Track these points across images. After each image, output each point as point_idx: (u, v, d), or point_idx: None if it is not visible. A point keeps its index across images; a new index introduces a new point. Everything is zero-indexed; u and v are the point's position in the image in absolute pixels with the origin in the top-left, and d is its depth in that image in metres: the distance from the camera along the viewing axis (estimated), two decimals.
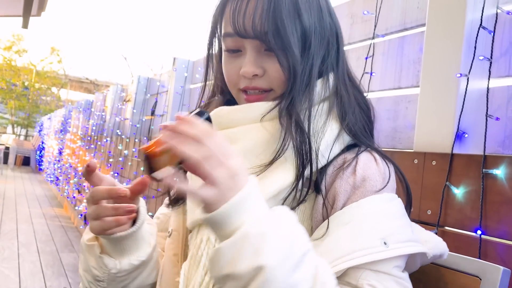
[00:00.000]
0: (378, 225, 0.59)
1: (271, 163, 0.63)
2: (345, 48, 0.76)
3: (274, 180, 0.62)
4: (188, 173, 0.68)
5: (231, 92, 0.74)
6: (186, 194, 0.51)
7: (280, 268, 0.47)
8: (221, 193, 0.49)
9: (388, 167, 0.66)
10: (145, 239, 0.73)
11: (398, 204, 0.64)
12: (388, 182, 0.64)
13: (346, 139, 0.68)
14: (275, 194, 0.62)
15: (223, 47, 0.71)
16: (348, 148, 0.68)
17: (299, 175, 0.62)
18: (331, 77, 0.70)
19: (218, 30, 0.72)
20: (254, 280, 0.47)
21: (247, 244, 0.48)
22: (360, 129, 0.69)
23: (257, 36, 0.65)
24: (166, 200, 0.83)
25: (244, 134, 0.66)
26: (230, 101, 0.75)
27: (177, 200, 0.77)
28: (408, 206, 0.70)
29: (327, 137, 0.66)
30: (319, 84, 0.68)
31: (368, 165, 0.64)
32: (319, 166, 0.65)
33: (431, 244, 0.68)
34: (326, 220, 0.61)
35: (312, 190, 0.65)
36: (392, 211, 0.62)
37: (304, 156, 0.62)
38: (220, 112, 0.70)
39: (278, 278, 0.47)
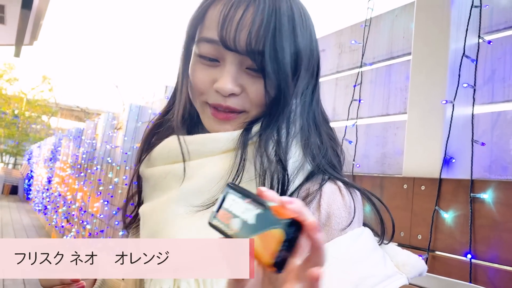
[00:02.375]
0: (348, 271, 0.54)
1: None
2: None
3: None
4: None
5: (193, 102, 0.65)
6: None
7: None
8: None
9: (353, 198, 0.60)
10: None
11: (366, 237, 0.59)
12: (354, 216, 0.58)
13: (307, 167, 0.62)
14: None
15: (197, 51, 0.62)
16: (309, 176, 0.61)
17: None
18: (302, 105, 0.64)
19: (197, 34, 0.62)
20: None
21: None
22: (325, 159, 0.63)
23: (249, 54, 0.57)
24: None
25: (201, 168, 0.59)
26: (184, 116, 0.66)
27: (135, 224, 0.71)
28: (382, 232, 0.64)
29: (290, 166, 0.59)
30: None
31: (333, 198, 0.58)
32: None
33: (409, 266, 0.62)
34: None
35: None
36: (362, 250, 0.57)
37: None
38: (170, 145, 0.62)
39: None
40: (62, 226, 6.18)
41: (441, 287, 0.97)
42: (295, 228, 0.37)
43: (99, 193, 4.44)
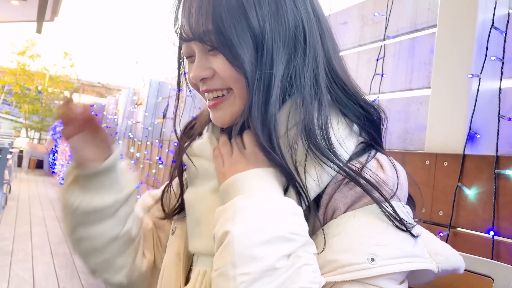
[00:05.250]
0: (370, 238, 0.53)
1: None
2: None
3: None
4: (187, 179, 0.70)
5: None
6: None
7: (245, 237, 0.50)
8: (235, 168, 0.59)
9: (397, 174, 0.59)
10: (115, 186, 0.71)
11: (403, 213, 0.57)
12: (395, 191, 0.58)
13: (351, 143, 0.62)
14: None
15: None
16: (354, 154, 0.61)
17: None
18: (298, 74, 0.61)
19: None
20: (223, 243, 0.51)
21: (229, 211, 0.53)
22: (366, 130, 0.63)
23: (196, 37, 0.60)
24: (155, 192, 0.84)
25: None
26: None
27: (179, 211, 0.74)
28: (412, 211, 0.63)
29: (336, 139, 0.59)
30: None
31: (371, 172, 0.58)
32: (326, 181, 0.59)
33: (442, 257, 0.61)
34: (320, 230, 0.57)
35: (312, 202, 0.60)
36: (391, 223, 0.55)
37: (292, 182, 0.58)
38: (193, 145, 0.69)
39: (241, 245, 0.50)
40: None
41: None
42: None
43: None
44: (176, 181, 0.76)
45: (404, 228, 0.55)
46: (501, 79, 1.06)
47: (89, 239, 0.72)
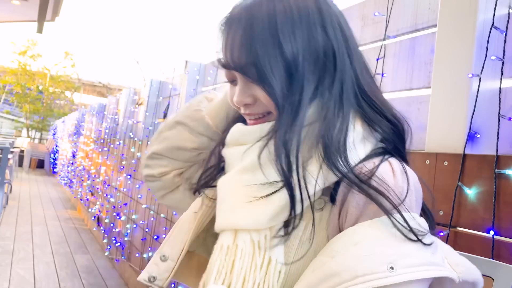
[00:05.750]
0: (388, 248, 0.55)
1: (266, 196, 0.64)
2: None
3: (271, 201, 0.63)
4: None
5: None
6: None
7: None
8: None
9: (408, 182, 0.62)
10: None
11: (421, 223, 0.60)
12: (404, 199, 0.59)
13: (366, 147, 0.66)
14: (273, 215, 0.63)
15: None
16: (368, 156, 0.66)
17: (293, 212, 0.63)
18: (323, 101, 0.66)
19: None
20: None
21: None
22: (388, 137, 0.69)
23: (236, 69, 0.66)
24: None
25: (249, 152, 0.68)
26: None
27: (206, 185, 0.82)
28: (431, 225, 0.65)
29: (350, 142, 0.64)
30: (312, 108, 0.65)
31: (384, 176, 0.61)
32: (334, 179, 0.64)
33: (463, 268, 0.62)
34: (338, 234, 0.60)
35: (328, 200, 0.66)
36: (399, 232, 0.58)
37: (291, 195, 0.62)
38: (235, 128, 0.74)
39: None
40: (87, 199, 6.36)
41: None
42: None
43: (122, 167, 4.54)
44: None
45: (415, 238, 0.57)
46: (501, 79, 1.07)
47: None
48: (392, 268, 0.53)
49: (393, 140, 0.69)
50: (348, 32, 0.70)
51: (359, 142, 0.66)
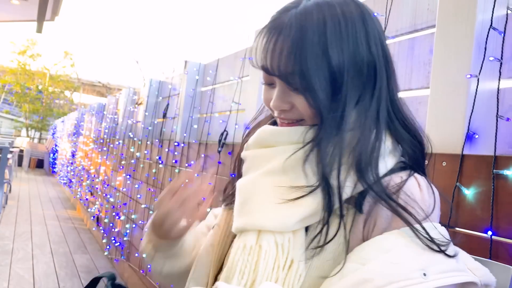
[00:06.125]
0: (419, 255, 0.58)
1: (299, 198, 0.65)
2: None
3: (304, 202, 0.64)
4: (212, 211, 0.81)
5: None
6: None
7: None
8: None
9: (434, 196, 0.66)
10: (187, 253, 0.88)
11: (444, 233, 0.64)
12: (431, 212, 0.64)
13: (392, 161, 0.69)
14: (301, 218, 0.64)
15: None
16: (392, 170, 0.68)
17: (325, 217, 0.64)
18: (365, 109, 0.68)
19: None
20: None
21: None
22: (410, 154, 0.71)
23: (281, 76, 0.66)
24: (215, 209, 0.94)
25: (278, 154, 0.69)
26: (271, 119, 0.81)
27: (231, 198, 0.82)
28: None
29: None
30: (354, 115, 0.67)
31: (412, 192, 0.64)
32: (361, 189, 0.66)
33: (482, 271, 0.67)
34: (365, 242, 0.62)
35: (353, 207, 0.67)
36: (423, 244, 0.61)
37: (329, 199, 0.63)
38: (264, 129, 0.74)
39: None
40: (87, 199, 6.36)
41: None
42: None
43: (121, 167, 4.54)
44: None
45: (437, 249, 0.60)
46: (499, 80, 1.07)
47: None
48: (424, 274, 0.56)
49: (415, 156, 0.72)
50: (387, 49, 0.72)
51: (387, 156, 0.68)
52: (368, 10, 0.70)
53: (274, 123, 0.79)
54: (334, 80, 0.64)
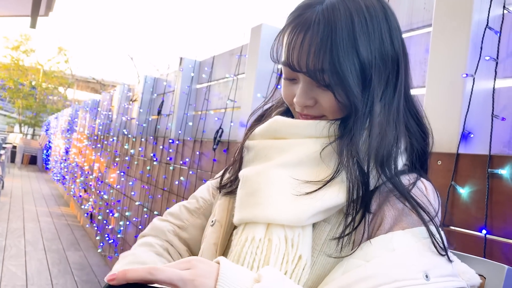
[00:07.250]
0: (423, 257, 0.59)
1: (322, 185, 0.64)
2: None
3: (322, 195, 0.64)
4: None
5: (290, 108, 0.77)
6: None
7: None
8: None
9: (439, 200, 0.68)
10: None
11: (442, 237, 0.65)
12: (436, 215, 0.65)
13: (402, 160, 0.69)
14: (323, 210, 0.64)
15: (282, 71, 0.73)
16: (401, 171, 0.69)
17: (350, 210, 0.64)
18: (384, 106, 0.69)
19: (278, 56, 0.73)
20: None
21: None
22: (410, 158, 0.71)
23: (310, 74, 0.66)
24: (214, 182, 0.89)
25: (295, 147, 0.68)
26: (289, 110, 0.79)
27: (229, 186, 0.80)
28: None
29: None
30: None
31: (419, 194, 0.65)
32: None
33: (469, 275, 0.69)
34: (372, 240, 0.62)
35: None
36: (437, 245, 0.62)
37: (356, 193, 0.63)
38: (277, 120, 0.73)
39: None
40: (80, 196, 6.33)
41: None
42: None
43: (115, 164, 4.52)
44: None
45: (443, 253, 0.62)
46: (495, 79, 1.07)
47: None
48: (427, 276, 0.57)
49: (419, 153, 0.72)
50: (406, 48, 0.73)
51: (401, 153, 0.69)
52: (388, 5, 0.70)
53: (283, 114, 0.78)
54: (364, 75, 0.65)
